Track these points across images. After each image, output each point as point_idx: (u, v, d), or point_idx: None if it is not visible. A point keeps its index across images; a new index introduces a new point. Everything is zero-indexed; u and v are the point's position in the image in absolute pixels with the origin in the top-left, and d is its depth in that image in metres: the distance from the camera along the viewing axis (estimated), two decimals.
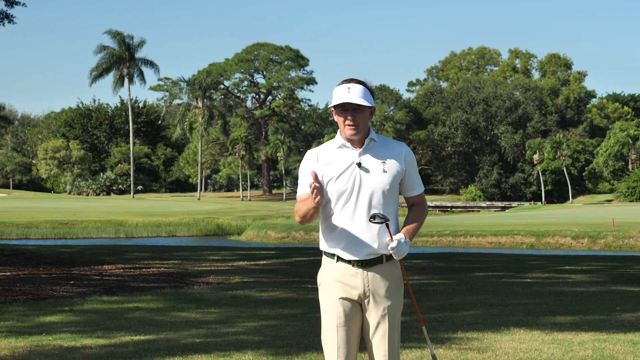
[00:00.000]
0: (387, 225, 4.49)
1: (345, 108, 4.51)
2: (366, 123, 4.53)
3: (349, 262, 4.55)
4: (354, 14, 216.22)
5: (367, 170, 4.51)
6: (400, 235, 4.49)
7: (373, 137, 4.58)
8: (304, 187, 4.58)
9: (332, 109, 4.57)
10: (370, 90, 4.56)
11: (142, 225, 50.09)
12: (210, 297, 12.09)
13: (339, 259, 4.57)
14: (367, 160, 4.54)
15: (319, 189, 4.38)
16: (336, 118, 4.56)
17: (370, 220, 4.45)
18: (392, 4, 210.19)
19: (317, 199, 4.38)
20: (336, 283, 4.57)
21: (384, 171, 4.52)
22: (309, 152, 4.64)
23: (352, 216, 4.50)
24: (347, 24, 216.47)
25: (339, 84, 4.56)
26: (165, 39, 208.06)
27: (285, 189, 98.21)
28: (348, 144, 4.56)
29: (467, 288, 13.25)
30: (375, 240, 4.52)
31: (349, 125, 4.51)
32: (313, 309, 10.57)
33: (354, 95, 4.48)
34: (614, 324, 9.40)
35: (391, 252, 4.47)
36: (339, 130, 4.60)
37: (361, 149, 4.55)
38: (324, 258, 4.65)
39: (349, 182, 4.51)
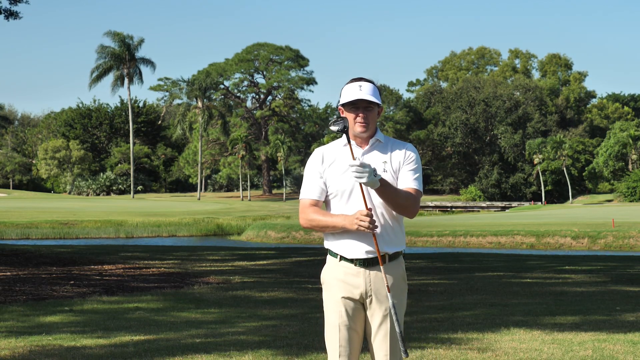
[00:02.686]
0: (348, 139, 4.44)
1: (356, 106, 4.54)
2: (375, 121, 4.58)
3: (351, 261, 4.56)
4: (354, 14, 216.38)
5: None
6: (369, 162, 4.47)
7: (379, 137, 4.61)
8: (310, 191, 4.58)
9: (341, 106, 4.58)
10: (379, 90, 4.60)
11: (142, 225, 50.08)
12: (210, 297, 12.08)
13: (342, 257, 4.58)
14: (369, 159, 4.56)
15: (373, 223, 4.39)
16: (345, 115, 4.57)
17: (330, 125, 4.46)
18: (392, 4, 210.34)
19: (365, 228, 4.37)
20: (338, 282, 4.59)
21: (384, 171, 4.54)
22: (316, 150, 4.66)
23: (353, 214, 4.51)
24: (347, 24, 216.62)
25: (348, 82, 4.59)
26: (165, 39, 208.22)
27: (285, 189, 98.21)
28: (353, 143, 4.58)
29: (467, 288, 13.25)
30: (377, 240, 4.52)
31: (359, 122, 4.54)
32: (313, 309, 10.57)
33: (366, 93, 4.52)
34: (614, 324, 9.40)
35: (350, 168, 4.32)
36: None
37: (365, 149, 4.58)
38: (328, 257, 4.67)
39: (351, 181, 4.52)
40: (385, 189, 4.40)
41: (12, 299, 11.69)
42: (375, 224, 4.41)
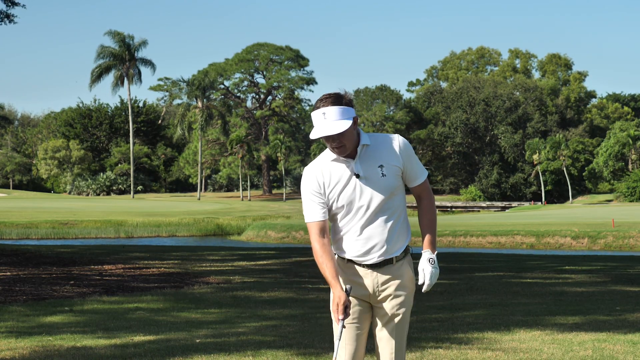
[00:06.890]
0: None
1: (325, 137, 4.45)
2: (352, 137, 4.46)
3: (359, 264, 4.60)
4: (354, 14, 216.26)
5: (366, 179, 4.49)
6: (424, 262, 4.62)
7: (365, 142, 4.51)
8: (313, 214, 4.54)
9: None
10: (347, 102, 4.45)
11: (142, 225, 50.08)
12: (210, 297, 12.09)
13: (349, 260, 4.61)
14: (364, 168, 4.50)
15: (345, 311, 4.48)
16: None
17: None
18: (392, 4, 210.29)
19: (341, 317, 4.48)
20: (345, 281, 4.61)
21: (383, 175, 4.50)
22: (306, 171, 4.57)
23: (360, 226, 4.52)
24: (347, 24, 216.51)
25: (314, 106, 4.47)
26: (165, 39, 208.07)
27: (285, 189, 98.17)
28: (349, 160, 4.52)
29: (467, 288, 13.26)
30: (384, 245, 4.55)
31: (335, 149, 4.47)
32: (313, 309, 10.57)
33: (330, 120, 4.40)
34: (614, 324, 9.40)
35: (425, 289, 4.59)
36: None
37: (355, 159, 4.50)
38: (336, 257, 4.66)
39: (353, 195, 4.50)
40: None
41: (12, 299, 11.69)
42: (345, 317, 4.47)
